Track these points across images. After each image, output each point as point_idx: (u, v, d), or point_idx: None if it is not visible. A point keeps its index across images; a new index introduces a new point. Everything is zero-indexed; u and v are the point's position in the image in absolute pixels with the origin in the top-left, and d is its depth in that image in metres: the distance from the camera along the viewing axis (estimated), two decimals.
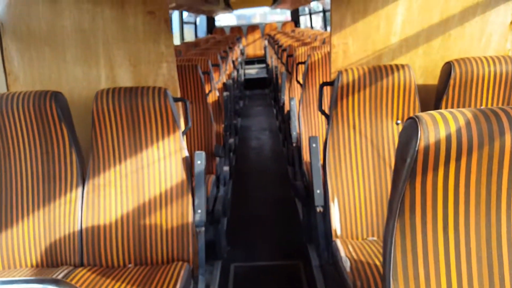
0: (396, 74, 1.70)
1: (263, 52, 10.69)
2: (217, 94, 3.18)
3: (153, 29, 1.80)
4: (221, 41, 6.19)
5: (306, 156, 2.62)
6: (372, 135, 1.74)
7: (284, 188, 3.49)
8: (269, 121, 6.10)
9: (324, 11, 7.55)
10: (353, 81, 1.69)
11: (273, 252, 2.54)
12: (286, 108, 3.91)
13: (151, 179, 1.63)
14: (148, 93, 1.61)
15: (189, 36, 9.48)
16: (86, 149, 1.74)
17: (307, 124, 2.64)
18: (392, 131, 1.74)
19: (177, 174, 1.64)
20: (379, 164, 1.73)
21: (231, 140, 3.52)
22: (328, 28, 7.83)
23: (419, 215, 0.87)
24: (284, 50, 4.39)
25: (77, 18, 1.77)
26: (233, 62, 5.68)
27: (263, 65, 10.11)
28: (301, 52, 3.40)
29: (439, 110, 0.86)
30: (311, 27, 9.56)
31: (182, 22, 7.70)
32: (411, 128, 0.85)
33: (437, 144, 0.81)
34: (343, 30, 1.84)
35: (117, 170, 1.63)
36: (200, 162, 1.66)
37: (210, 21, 11.00)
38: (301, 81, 2.88)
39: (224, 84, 3.79)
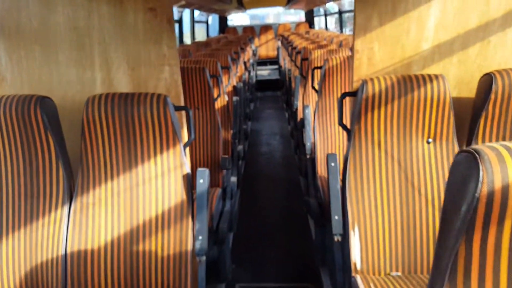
0: (428, 85, 1.48)
1: (275, 53, 10.47)
2: (226, 98, 2.99)
3: (154, 28, 1.61)
4: (233, 41, 6.01)
5: (320, 169, 2.41)
6: (400, 155, 1.52)
7: (296, 200, 3.28)
8: (280, 125, 5.89)
9: (340, 12, 7.31)
10: (379, 92, 1.47)
11: (282, 273, 2.33)
12: (299, 115, 3.69)
13: (147, 199, 1.44)
14: (146, 101, 1.42)
15: (201, 36, 9.32)
16: (78, 162, 1.56)
17: (323, 135, 2.43)
18: (423, 150, 1.52)
19: (176, 194, 1.44)
20: (407, 188, 1.51)
21: (240, 147, 3.33)
22: (345, 30, 7.61)
23: (475, 281, 0.68)
24: (299, 52, 4.18)
25: (71, 14, 1.59)
26: (244, 63, 5.49)
27: (276, 67, 9.90)
28: (317, 56, 3.19)
29: (504, 143, 0.66)
30: (326, 28, 9.31)
31: (193, 21, 7.54)
32: (468, 166, 0.65)
33: (505, 190, 0.62)
34: (368, 33, 1.63)
35: (108, 188, 1.45)
36: (202, 181, 1.46)
37: (223, 21, 10.84)
38: (316, 87, 2.67)
39: (234, 87, 3.59)
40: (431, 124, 1.50)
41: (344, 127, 1.60)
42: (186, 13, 7.14)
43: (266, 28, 10.95)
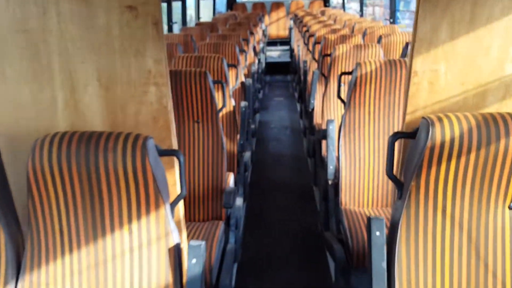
0: None
1: (287, 33, 9.83)
2: (233, 103, 2.54)
3: (135, 34, 1.16)
4: (242, 22, 5.46)
5: (345, 199, 1.99)
6: (471, 224, 1.10)
7: (309, 215, 2.88)
8: (291, 117, 5.42)
9: None
10: (451, 139, 1.03)
11: None
12: (316, 117, 3.23)
13: (118, 281, 1.04)
14: (117, 145, 1.00)
15: (207, 14, 8.72)
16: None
17: (350, 159, 2.00)
18: (503, 219, 1.09)
19: (159, 274, 1.04)
20: (477, 268, 1.10)
21: (247, 155, 2.90)
22: (366, 14, 6.98)
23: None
24: (318, 43, 3.67)
25: (18, 12, 1.15)
26: (254, 49, 4.97)
27: (287, 47, 9.29)
28: (342, 52, 2.70)
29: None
30: (343, 9, 8.65)
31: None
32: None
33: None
34: (433, 49, 1.16)
35: (66, 264, 1.04)
36: (195, 260, 1.05)
37: None
38: (342, 95, 2.21)
39: (242, 84, 3.13)
40: None
41: (394, 180, 1.17)
42: None
43: (277, 5, 10.25)
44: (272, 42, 9.62)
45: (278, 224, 2.77)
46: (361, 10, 6.78)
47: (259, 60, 5.21)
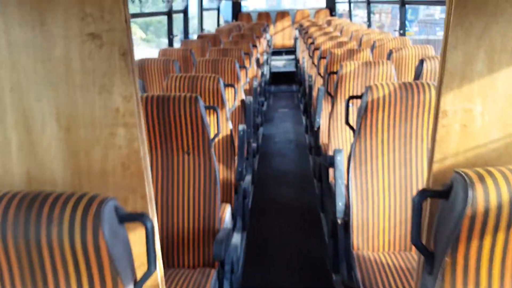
0: None
1: (292, 42, 9.65)
2: (230, 126, 2.33)
3: (99, 67, 0.96)
4: (245, 34, 5.28)
5: (356, 242, 1.75)
6: None
7: (317, 248, 2.64)
8: (296, 130, 5.19)
9: (368, 2, 6.45)
10: (498, 207, 0.80)
11: None
12: (323, 139, 3.01)
13: None
14: (63, 214, 0.78)
15: (211, 24, 8.58)
16: None
17: (361, 194, 1.77)
18: None
19: None
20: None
21: (247, 180, 2.68)
22: (373, 22, 6.77)
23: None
24: (323, 57, 3.45)
25: None
26: (257, 61, 4.77)
27: (292, 57, 9.10)
28: (349, 71, 2.48)
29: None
30: (350, 18, 8.45)
31: (201, 10, 6.79)
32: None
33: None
34: (466, 84, 0.94)
35: None
36: None
37: (236, 6, 10.01)
38: (351, 120, 1.99)
39: (242, 102, 2.92)
40: None
41: (423, 249, 0.94)
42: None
43: (282, 14, 10.09)
44: (277, 52, 9.44)
45: (281, 259, 2.53)
46: (369, 20, 6.56)
47: (262, 73, 5.01)
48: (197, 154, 1.81)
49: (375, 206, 1.78)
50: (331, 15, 9.76)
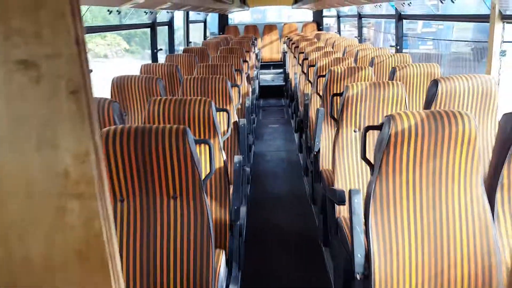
0: None
1: (280, 56, 9.44)
2: (223, 156, 2.01)
3: (37, 110, 0.63)
4: (234, 48, 5.00)
5: None
6: None
7: (319, 276, 2.32)
8: (288, 148, 4.91)
9: (359, 16, 6.28)
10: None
11: None
12: (323, 164, 2.71)
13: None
14: None
15: (198, 36, 8.30)
16: None
17: (385, 243, 1.46)
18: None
19: None
20: None
21: (243, 212, 2.35)
22: (370, 41, 6.59)
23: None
24: (321, 76, 3.18)
25: None
26: (248, 77, 4.49)
27: (280, 70, 8.89)
28: (356, 92, 2.20)
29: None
30: (339, 33, 8.30)
31: (187, 23, 6.50)
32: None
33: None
34: None
35: None
36: None
37: (223, 19, 9.78)
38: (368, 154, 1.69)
39: (235, 124, 2.60)
40: None
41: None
42: (179, 14, 6.12)
43: (270, 27, 9.90)
44: (265, 65, 9.22)
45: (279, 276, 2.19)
46: (360, 35, 6.38)
47: (253, 89, 4.73)
48: (185, 198, 1.48)
49: (401, 259, 1.48)
50: (319, 29, 9.62)
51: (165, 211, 1.46)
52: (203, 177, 1.52)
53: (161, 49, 4.72)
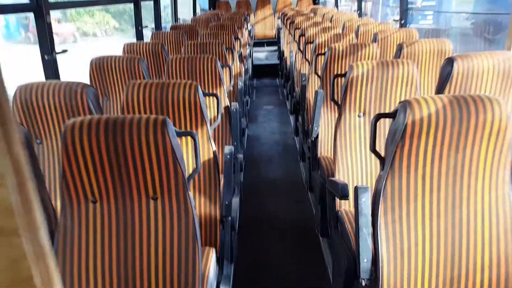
0: None
1: (274, 32, 9.09)
2: (213, 147, 1.79)
3: None
4: (225, 25, 4.70)
5: None
6: None
7: (317, 271, 2.17)
8: (283, 131, 4.70)
9: None
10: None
11: None
12: (322, 151, 2.52)
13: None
14: None
15: (187, 12, 7.91)
16: None
17: (395, 247, 1.28)
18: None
19: None
20: None
21: (235, 202, 2.17)
22: (369, 16, 6.27)
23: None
24: (321, 54, 2.93)
25: None
26: (240, 56, 4.22)
27: (275, 48, 8.56)
28: (361, 73, 1.98)
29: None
30: (337, 7, 7.94)
31: None
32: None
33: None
34: None
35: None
36: None
37: None
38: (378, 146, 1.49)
39: (226, 109, 2.38)
40: None
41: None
42: None
43: (263, 2, 9.49)
44: (258, 43, 8.88)
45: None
46: (359, 8, 6.06)
47: (246, 69, 4.46)
48: (168, 199, 1.27)
49: (413, 264, 1.30)
50: (314, 3, 9.23)
51: (144, 213, 1.26)
52: (187, 173, 1.32)
53: (146, 26, 4.41)
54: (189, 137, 1.65)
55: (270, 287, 2.16)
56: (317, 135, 2.57)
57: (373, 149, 1.40)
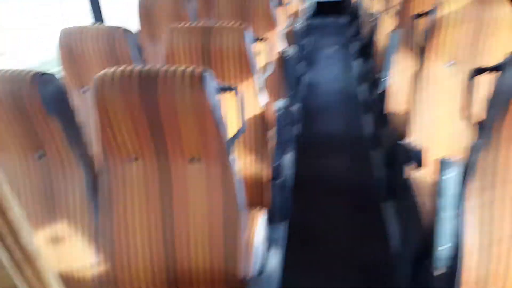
0: None
1: None
2: (264, 99, 1.57)
3: None
4: None
5: None
6: None
7: (380, 245, 1.97)
8: (345, 78, 4.29)
9: None
10: None
11: None
12: (390, 106, 2.18)
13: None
14: None
15: None
16: None
17: (486, 232, 1.02)
18: None
19: None
20: None
21: (288, 161, 1.97)
22: None
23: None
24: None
25: None
26: None
27: None
28: (451, 12, 1.56)
29: None
30: None
31: None
32: None
33: None
34: None
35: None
36: None
37: None
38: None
39: (280, 54, 2.10)
40: None
41: None
42: None
43: None
44: None
45: (335, 265, 1.89)
46: None
47: (304, 8, 4.00)
48: (206, 162, 1.11)
49: (503, 260, 1.03)
50: None
51: (183, 175, 1.12)
52: (230, 134, 1.13)
53: None
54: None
55: (324, 253, 2.00)
56: (388, 86, 2.22)
57: (466, 112, 1.08)
